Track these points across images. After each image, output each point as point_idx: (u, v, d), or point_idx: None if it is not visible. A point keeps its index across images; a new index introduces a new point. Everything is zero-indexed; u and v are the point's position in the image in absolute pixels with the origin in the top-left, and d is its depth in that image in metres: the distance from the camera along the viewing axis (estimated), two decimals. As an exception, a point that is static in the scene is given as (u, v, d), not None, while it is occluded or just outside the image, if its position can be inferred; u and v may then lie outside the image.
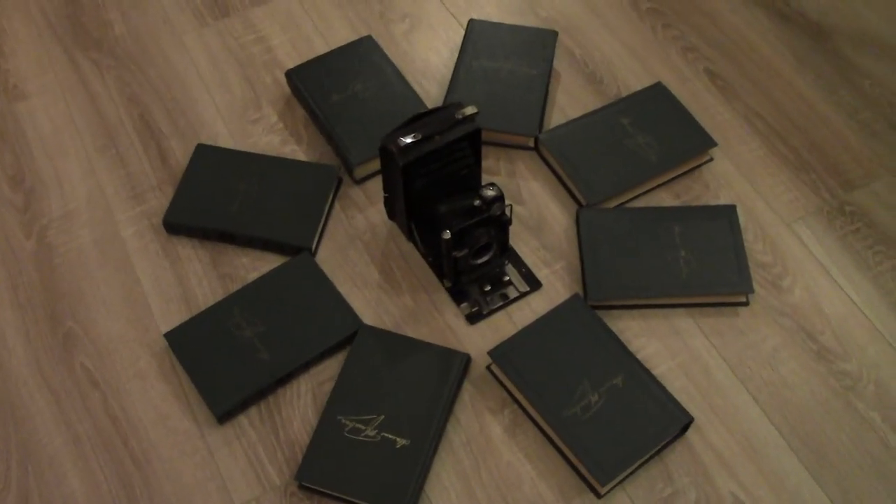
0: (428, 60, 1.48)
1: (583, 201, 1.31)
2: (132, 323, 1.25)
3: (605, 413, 1.14)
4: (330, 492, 1.11)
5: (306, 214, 1.31)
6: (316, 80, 1.40)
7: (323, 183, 1.33)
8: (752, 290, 1.24)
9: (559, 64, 1.46)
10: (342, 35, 1.50)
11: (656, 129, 1.36)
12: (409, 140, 1.18)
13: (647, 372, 1.17)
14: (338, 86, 1.39)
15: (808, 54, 1.48)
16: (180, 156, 1.38)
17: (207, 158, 1.36)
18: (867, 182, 1.36)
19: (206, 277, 1.28)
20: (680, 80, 1.45)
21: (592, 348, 1.18)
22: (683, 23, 1.51)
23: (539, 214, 1.32)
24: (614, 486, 1.12)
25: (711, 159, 1.36)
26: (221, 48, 1.49)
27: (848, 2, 1.55)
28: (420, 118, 1.21)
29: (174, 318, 1.25)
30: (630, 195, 1.33)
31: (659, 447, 1.14)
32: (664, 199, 1.33)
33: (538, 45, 1.44)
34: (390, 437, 1.13)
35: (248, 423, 1.18)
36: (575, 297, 1.23)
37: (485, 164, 1.37)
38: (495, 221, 1.21)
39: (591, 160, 1.33)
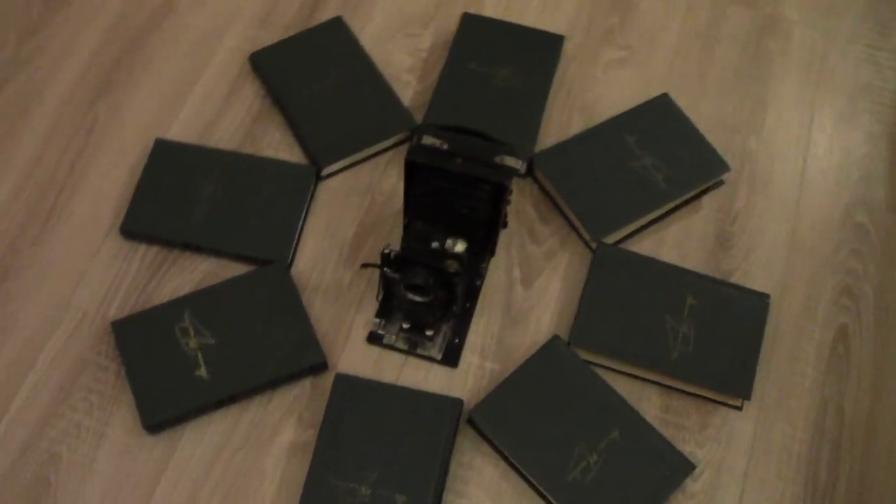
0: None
1: (571, 342, 1.19)
2: (156, 115, 1.35)
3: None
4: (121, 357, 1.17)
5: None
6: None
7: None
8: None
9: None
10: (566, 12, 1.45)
11: (711, 351, 1.19)
12: (433, 143, 1.14)
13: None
14: None
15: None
16: (331, 14, 1.42)
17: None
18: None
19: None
20: (806, 311, 1.24)
21: (412, 452, 1.10)
22: (875, 266, 1.28)
23: (527, 312, 1.22)
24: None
25: (740, 409, 1.18)
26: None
27: None
28: (467, 133, 1.15)
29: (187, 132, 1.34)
30: (624, 366, 1.19)
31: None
32: (651, 395, 1.18)
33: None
34: (202, 362, 1.16)
35: (141, 255, 1.25)
36: (455, 402, 1.14)
37: (545, 244, 1.27)
38: (443, 275, 1.15)
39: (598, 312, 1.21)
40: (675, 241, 1.28)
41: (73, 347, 1.18)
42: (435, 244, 1.13)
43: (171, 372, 1.14)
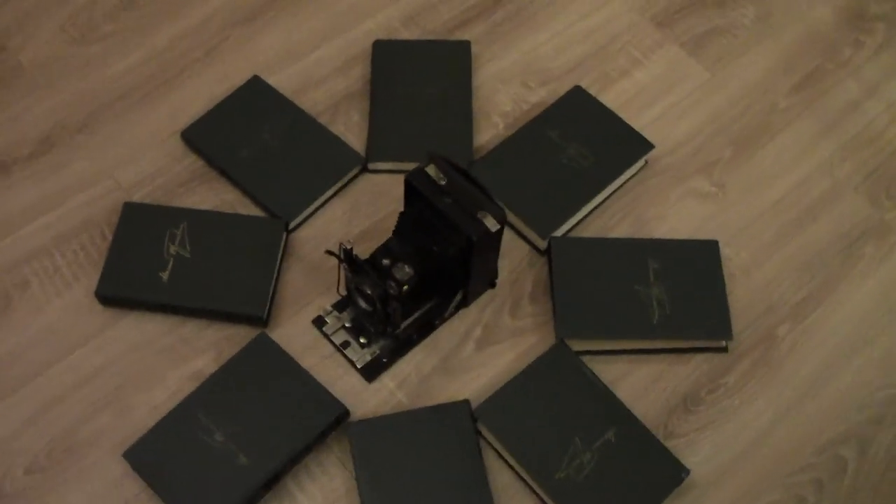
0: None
1: (476, 416, 1.25)
2: (271, 59, 1.53)
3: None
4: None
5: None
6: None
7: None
8: None
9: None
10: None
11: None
12: (433, 175, 1.22)
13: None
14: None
15: None
16: (468, 37, 1.53)
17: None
18: None
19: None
20: None
21: (277, 428, 1.20)
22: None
23: (462, 370, 1.28)
24: None
25: None
26: None
27: None
28: (468, 178, 1.23)
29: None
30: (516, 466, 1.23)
31: None
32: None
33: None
34: (170, 267, 1.33)
35: (188, 162, 1.43)
36: (340, 408, 1.22)
37: (521, 321, 1.32)
38: (384, 292, 1.23)
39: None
40: (641, 379, 1.28)
41: (92, 208, 1.39)
42: (386, 262, 1.23)
43: (142, 262, 1.32)
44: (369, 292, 1.24)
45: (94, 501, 1.20)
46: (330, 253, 1.26)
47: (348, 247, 1.23)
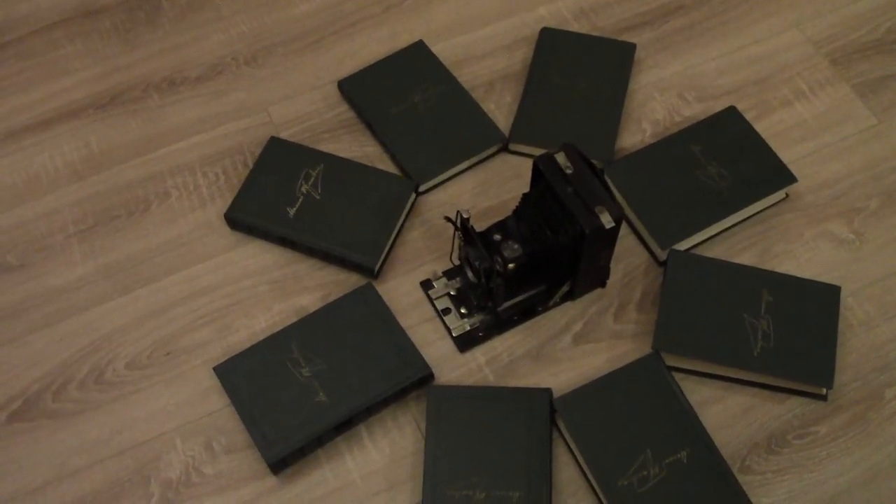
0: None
1: (557, 407, 1.26)
2: (437, 29, 1.59)
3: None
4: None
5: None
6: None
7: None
8: None
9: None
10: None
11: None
12: (561, 163, 1.24)
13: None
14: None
15: None
16: (637, 40, 1.56)
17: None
18: None
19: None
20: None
21: (364, 374, 1.26)
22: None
23: (552, 361, 1.30)
24: None
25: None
26: None
27: None
28: (594, 172, 1.25)
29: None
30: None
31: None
32: None
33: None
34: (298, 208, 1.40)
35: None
36: (424, 373, 1.27)
37: (623, 326, 1.34)
38: (489, 265, 1.26)
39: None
40: (730, 407, 1.27)
41: (241, 137, 1.51)
42: (497, 237, 1.26)
43: (274, 195, 1.40)
44: (476, 264, 1.28)
45: (181, 407, 1.29)
46: (447, 219, 1.31)
47: (465, 216, 1.27)
